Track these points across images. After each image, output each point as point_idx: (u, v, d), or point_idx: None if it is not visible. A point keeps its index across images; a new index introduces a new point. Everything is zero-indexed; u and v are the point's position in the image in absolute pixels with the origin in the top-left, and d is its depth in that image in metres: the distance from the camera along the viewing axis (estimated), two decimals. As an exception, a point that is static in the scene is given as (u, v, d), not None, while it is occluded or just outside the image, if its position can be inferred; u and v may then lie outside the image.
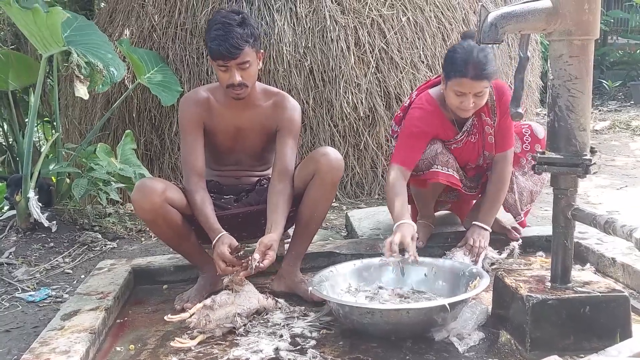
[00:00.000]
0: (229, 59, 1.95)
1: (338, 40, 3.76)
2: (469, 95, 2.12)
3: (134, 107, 3.93)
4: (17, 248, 2.92)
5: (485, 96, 2.17)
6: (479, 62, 2.08)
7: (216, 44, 1.93)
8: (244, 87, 2.01)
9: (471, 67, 2.08)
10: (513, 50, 4.48)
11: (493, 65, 2.12)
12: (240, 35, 1.94)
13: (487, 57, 2.10)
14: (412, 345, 1.70)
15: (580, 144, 1.63)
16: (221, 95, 2.11)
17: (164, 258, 2.49)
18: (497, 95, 2.27)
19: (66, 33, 3.17)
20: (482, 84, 2.10)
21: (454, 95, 2.15)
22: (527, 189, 2.41)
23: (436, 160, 2.28)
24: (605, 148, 5.18)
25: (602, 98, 8.53)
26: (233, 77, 1.97)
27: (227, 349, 1.73)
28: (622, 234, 1.44)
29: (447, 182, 2.28)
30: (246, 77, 1.99)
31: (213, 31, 1.95)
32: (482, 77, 2.09)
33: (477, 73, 2.08)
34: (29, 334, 2.08)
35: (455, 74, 2.12)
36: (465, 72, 2.08)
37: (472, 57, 2.08)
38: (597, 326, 1.61)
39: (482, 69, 2.08)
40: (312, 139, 3.78)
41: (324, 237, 2.88)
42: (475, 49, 2.10)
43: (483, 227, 2.28)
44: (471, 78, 2.08)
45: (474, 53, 2.09)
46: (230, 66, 1.96)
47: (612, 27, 10.11)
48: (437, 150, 2.28)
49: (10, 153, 4.58)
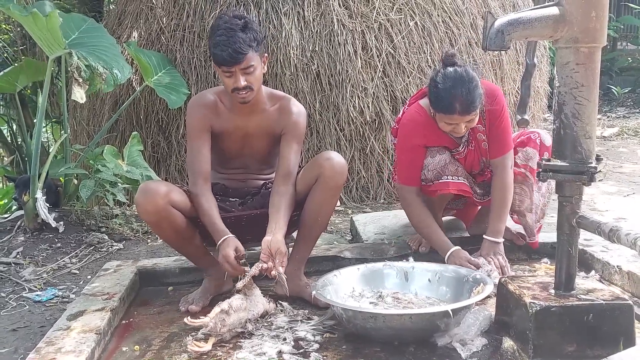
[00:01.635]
0: (232, 64, 1.95)
1: (345, 44, 3.77)
2: (460, 123, 2.10)
3: (142, 109, 3.96)
4: (24, 248, 2.95)
5: (477, 118, 2.13)
6: (465, 97, 2.03)
7: (220, 50, 1.94)
8: (250, 90, 2.01)
9: (457, 104, 2.04)
10: (521, 56, 4.48)
11: (479, 92, 2.07)
12: (243, 40, 1.94)
13: (472, 88, 2.04)
14: (415, 351, 1.70)
15: (586, 151, 1.63)
16: (228, 99, 2.13)
17: (170, 260, 2.50)
18: (488, 100, 2.20)
19: (74, 35, 3.21)
20: (471, 115, 2.08)
21: (445, 124, 2.14)
22: (539, 206, 2.36)
23: (445, 171, 2.26)
24: (613, 155, 5.15)
25: (610, 104, 8.48)
26: (238, 81, 1.98)
27: (231, 352, 1.74)
28: (627, 242, 1.44)
29: (458, 190, 2.26)
30: (251, 81, 2.00)
31: (216, 37, 1.96)
32: (471, 110, 2.06)
33: (465, 108, 2.05)
34: (36, 334, 2.10)
35: (442, 111, 2.09)
36: (452, 110, 2.05)
37: (457, 94, 2.03)
38: (601, 334, 1.61)
39: (469, 104, 2.04)
40: (318, 142, 3.79)
41: (329, 241, 2.89)
42: (458, 82, 2.04)
43: (495, 241, 2.23)
44: (459, 114, 2.06)
45: (458, 89, 2.03)
46: (234, 71, 1.97)
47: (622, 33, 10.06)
48: (446, 160, 2.26)
49: (18, 153, 4.62)
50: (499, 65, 4.30)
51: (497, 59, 4.29)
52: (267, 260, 1.90)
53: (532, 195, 2.32)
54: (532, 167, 2.29)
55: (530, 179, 2.30)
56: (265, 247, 1.91)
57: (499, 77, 4.28)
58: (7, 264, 2.78)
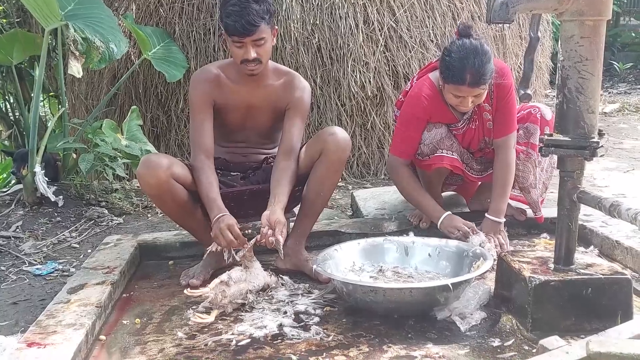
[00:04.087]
0: (244, 35, 1.94)
1: (347, 18, 3.72)
2: (467, 97, 2.09)
3: (141, 82, 3.92)
4: (24, 222, 2.95)
5: (484, 94, 2.12)
6: (477, 68, 2.01)
7: (232, 20, 1.92)
8: (258, 63, 2.00)
9: (468, 74, 2.02)
10: (524, 31, 4.42)
11: (491, 67, 2.06)
12: (257, 12, 1.92)
13: (484, 61, 2.03)
14: (414, 324, 1.72)
15: (589, 126, 1.61)
16: (232, 72, 2.11)
17: (170, 234, 2.51)
18: (497, 78, 2.18)
19: (70, 7, 3.15)
20: (480, 88, 2.07)
21: (452, 96, 2.12)
22: (542, 180, 2.37)
23: (441, 145, 2.26)
24: (614, 131, 5.13)
25: (612, 80, 8.43)
26: (248, 53, 1.97)
27: (232, 325, 1.75)
28: (627, 217, 1.44)
29: (450, 165, 2.27)
30: (261, 53, 1.99)
31: (229, 7, 1.94)
32: (480, 83, 2.05)
33: (475, 80, 2.03)
34: (36, 307, 2.11)
35: (452, 81, 2.07)
36: (462, 80, 2.04)
37: (469, 64, 2.01)
38: (599, 308, 1.62)
39: (480, 76, 2.03)
40: (319, 117, 3.76)
41: (330, 216, 2.89)
42: (472, 53, 2.02)
43: (495, 220, 2.23)
44: (469, 85, 2.04)
45: (471, 59, 2.01)
46: (245, 42, 1.96)
47: (625, 8, 9.94)
48: (442, 134, 2.26)
49: (16, 127, 4.59)
50: (501, 40, 4.25)
51: (499, 34, 4.24)
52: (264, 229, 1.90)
53: (535, 172, 2.32)
54: (533, 143, 2.29)
55: (533, 154, 2.30)
56: (264, 221, 1.91)
57: (501, 52, 4.24)
58: (7, 237, 2.79)
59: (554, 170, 2.36)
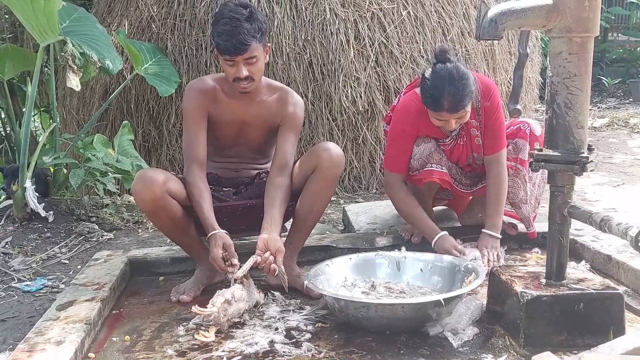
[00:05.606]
0: (236, 54, 1.94)
1: (338, 34, 3.75)
2: (450, 120, 2.10)
3: (132, 98, 3.92)
4: (13, 238, 2.92)
5: (468, 114, 2.13)
6: (452, 95, 2.02)
7: (223, 40, 1.92)
8: (251, 81, 2.01)
9: (445, 102, 2.03)
10: (513, 46, 4.47)
11: (470, 89, 2.06)
12: (248, 31, 1.92)
13: (461, 87, 2.02)
14: (406, 340, 1.71)
15: (578, 141, 1.63)
16: (228, 87, 2.11)
17: (161, 250, 2.49)
18: (484, 97, 2.21)
19: (65, 23, 3.16)
20: (460, 112, 2.08)
21: (435, 119, 2.14)
22: (534, 195, 2.37)
23: (430, 159, 2.27)
24: (604, 145, 5.18)
25: (601, 95, 8.52)
26: (240, 71, 1.97)
27: (223, 341, 1.73)
28: (618, 232, 1.45)
29: (440, 180, 2.28)
30: (253, 72, 1.99)
31: (220, 26, 1.94)
32: (459, 109, 2.06)
33: (453, 107, 2.04)
34: (25, 324, 2.08)
35: (432, 108, 2.09)
36: (440, 107, 2.05)
37: (445, 92, 2.02)
38: (591, 323, 1.62)
39: (457, 102, 2.03)
40: (310, 132, 3.77)
41: (321, 231, 2.89)
42: (447, 81, 2.02)
43: (493, 235, 2.24)
44: (448, 112, 2.06)
45: (447, 87, 2.02)
46: (237, 61, 1.96)
47: (613, 23, 10.09)
48: (431, 148, 2.27)
49: (7, 143, 4.56)
50: (491, 56, 4.30)
51: (489, 49, 4.29)
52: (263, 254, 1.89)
53: (525, 187, 2.33)
54: (522, 159, 2.30)
55: (522, 170, 2.31)
56: (261, 245, 1.89)
57: (491, 68, 4.28)
58: (-4, 253, 2.76)
59: (545, 185, 2.36)
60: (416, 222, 2.32)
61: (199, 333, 1.74)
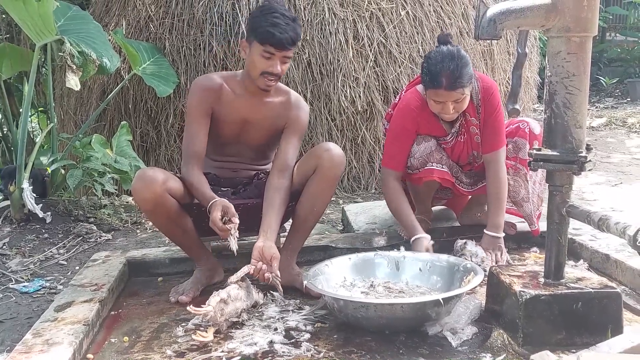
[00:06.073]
0: (282, 49, 1.96)
1: (336, 34, 3.75)
2: (448, 103, 2.11)
3: (130, 98, 3.91)
4: (11, 239, 2.91)
5: (466, 101, 2.15)
6: (452, 72, 2.05)
7: (278, 31, 1.93)
8: (277, 79, 2.03)
9: (444, 78, 2.06)
10: (512, 46, 4.48)
11: (469, 71, 2.09)
12: (297, 33, 1.98)
13: (460, 65, 2.06)
14: (405, 340, 1.71)
15: (577, 141, 1.63)
16: (235, 85, 2.11)
17: (159, 250, 2.49)
18: (484, 95, 2.24)
19: (60, 22, 3.15)
20: (458, 92, 2.09)
21: (434, 103, 2.15)
22: (536, 193, 2.37)
23: (431, 158, 2.28)
24: (601, 145, 5.19)
25: (599, 95, 8.54)
26: (274, 66, 1.98)
27: (222, 342, 1.73)
28: (616, 231, 1.45)
29: (441, 179, 2.28)
30: (284, 71, 2.02)
31: (272, 17, 1.95)
32: (457, 86, 2.07)
33: (451, 83, 2.06)
34: (23, 325, 2.08)
35: (430, 85, 2.11)
36: (439, 84, 2.07)
37: (445, 68, 2.06)
38: (589, 322, 1.62)
39: (456, 79, 2.06)
40: (309, 132, 3.77)
41: (320, 231, 2.88)
42: (447, 57, 2.07)
43: (495, 235, 2.24)
44: (445, 89, 2.07)
45: (446, 63, 2.06)
46: (276, 55, 1.97)
47: (611, 23, 10.10)
48: (432, 147, 2.28)
49: (4, 143, 4.54)
50: (489, 56, 4.30)
51: (488, 49, 4.29)
52: (257, 264, 1.89)
53: (526, 185, 2.33)
54: (522, 158, 2.30)
55: (522, 169, 2.32)
56: (256, 254, 1.89)
57: (489, 67, 4.29)
58: (-6, 254, 2.76)
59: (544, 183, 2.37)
60: (401, 217, 2.32)
61: (197, 333, 1.74)
